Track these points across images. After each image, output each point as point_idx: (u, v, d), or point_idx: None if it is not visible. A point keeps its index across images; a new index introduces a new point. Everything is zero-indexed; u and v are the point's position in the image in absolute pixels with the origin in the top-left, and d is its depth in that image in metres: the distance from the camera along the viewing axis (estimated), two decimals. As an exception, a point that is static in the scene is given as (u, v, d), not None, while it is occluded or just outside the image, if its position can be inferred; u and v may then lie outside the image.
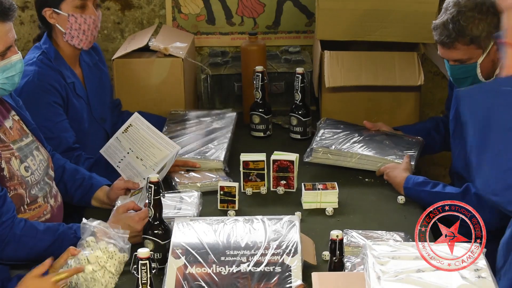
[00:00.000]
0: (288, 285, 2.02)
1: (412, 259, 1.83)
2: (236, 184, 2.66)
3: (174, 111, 3.27)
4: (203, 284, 2.03)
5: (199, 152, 2.95)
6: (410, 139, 3.04)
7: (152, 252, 2.08)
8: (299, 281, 2.02)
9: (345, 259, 2.14)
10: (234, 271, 2.07)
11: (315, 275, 1.90)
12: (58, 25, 2.93)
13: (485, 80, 2.69)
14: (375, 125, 3.12)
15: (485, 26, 2.60)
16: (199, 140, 3.04)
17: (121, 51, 3.33)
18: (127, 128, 2.76)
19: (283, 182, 2.78)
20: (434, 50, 3.41)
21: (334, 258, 2.10)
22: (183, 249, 2.12)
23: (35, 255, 2.32)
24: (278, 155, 2.78)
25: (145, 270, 1.99)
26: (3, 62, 2.34)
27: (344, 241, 2.17)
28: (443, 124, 3.13)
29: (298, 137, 3.26)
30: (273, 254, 2.11)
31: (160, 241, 2.28)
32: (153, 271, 2.03)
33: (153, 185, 2.24)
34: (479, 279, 1.76)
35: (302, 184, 2.70)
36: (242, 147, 3.10)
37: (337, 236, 2.08)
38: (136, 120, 2.77)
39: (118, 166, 2.72)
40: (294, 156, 2.77)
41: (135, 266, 2.01)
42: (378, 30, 3.24)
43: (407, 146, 2.97)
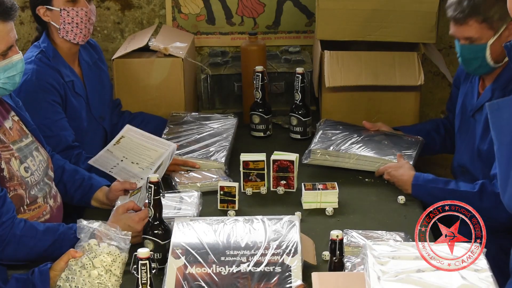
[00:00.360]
0: (288, 285, 2.02)
1: (412, 259, 1.83)
2: (236, 184, 2.66)
3: (175, 113, 3.26)
4: (203, 284, 2.03)
5: (200, 154, 2.95)
6: (410, 138, 3.03)
7: (152, 252, 2.07)
8: (299, 281, 2.02)
9: (345, 259, 2.14)
10: (234, 271, 2.06)
11: (315, 275, 1.90)
12: (52, 22, 2.92)
13: (493, 64, 2.67)
14: (374, 125, 3.12)
15: (499, 8, 2.60)
16: (201, 143, 3.04)
17: (121, 51, 3.33)
18: (119, 139, 2.74)
19: (283, 182, 2.78)
20: (434, 50, 3.42)
21: (334, 258, 2.10)
22: (183, 249, 2.12)
23: (35, 256, 2.32)
24: (278, 155, 2.78)
25: (145, 270, 1.99)
26: (4, 62, 2.34)
27: (344, 241, 2.17)
28: (443, 125, 3.13)
29: (298, 137, 3.26)
30: (273, 254, 2.10)
31: (160, 241, 2.27)
32: (153, 271, 2.02)
33: (153, 185, 2.23)
34: (480, 279, 1.77)
35: (302, 184, 2.70)
36: (242, 147, 3.10)
37: (337, 236, 2.08)
38: (129, 131, 2.76)
39: (110, 172, 2.70)
40: (294, 156, 2.77)
41: (135, 266, 2.00)
42: (378, 30, 3.24)
43: (406, 146, 2.97)
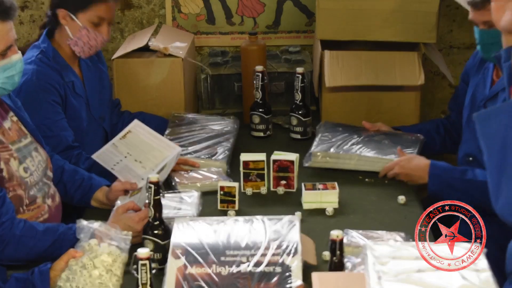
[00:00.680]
0: (288, 285, 2.01)
1: (412, 259, 1.83)
2: (236, 184, 2.66)
3: (176, 113, 3.26)
4: (203, 284, 2.02)
5: (202, 154, 2.96)
6: (410, 137, 3.04)
7: (152, 252, 2.08)
8: (299, 281, 2.01)
9: (345, 259, 2.13)
10: (234, 271, 2.05)
11: (315, 275, 1.89)
12: (67, 29, 2.91)
13: None
14: (374, 125, 3.12)
15: None
16: (202, 143, 3.04)
17: (121, 51, 3.33)
18: (126, 134, 2.76)
19: (283, 182, 2.78)
20: (435, 50, 3.41)
21: (335, 258, 2.09)
22: (183, 249, 2.11)
23: (35, 256, 2.32)
24: (278, 155, 2.78)
25: (145, 270, 1.98)
26: (4, 62, 2.34)
27: (345, 241, 2.16)
28: (443, 126, 3.13)
29: (298, 137, 3.26)
30: (273, 254, 2.09)
31: (160, 241, 2.27)
32: (153, 271, 2.02)
33: (153, 185, 2.23)
34: (480, 280, 1.76)
35: (302, 184, 2.70)
36: (242, 147, 3.10)
37: (337, 236, 2.07)
38: (136, 126, 2.77)
39: (112, 169, 2.71)
40: (294, 156, 2.77)
41: (135, 266, 2.00)
42: (378, 30, 3.25)
43: (406, 144, 2.97)
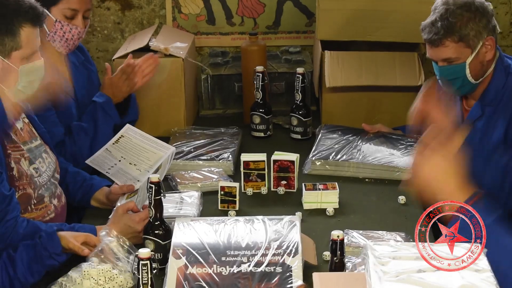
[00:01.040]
0: (289, 285, 2.03)
1: (413, 260, 1.82)
2: (236, 184, 2.67)
3: (178, 129, 3.25)
4: (204, 285, 2.04)
5: (207, 156, 2.98)
6: (409, 138, 3.03)
7: (153, 253, 2.08)
8: (300, 281, 2.03)
9: (346, 259, 2.14)
10: (235, 271, 2.07)
11: (316, 275, 1.89)
12: (44, 25, 2.91)
13: (474, 81, 2.66)
14: (373, 127, 3.12)
15: (474, 25, 2.61)
16: (207, 147, 3.06)
17: (122, 51, 3.33)
18: (118, 139, 2.76)
19: (284, 182, 2.78)
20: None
21: (335, 258, 2.10)
22: (184, 249, 2.13)
23: None
24: (278, 155, 2.78)
25: (146, 270, 1.99)
26: (28, 66, 2.36)
27: (345, 241, 2.18)
28: None
29: (299, 137, 3.26)
30: (274, 254, 2.12)
31: (160, 241, 2.28)
32: (154, 271, 2.03)
33: (153, 185, 2.24)
34: (481, 280, 1.76)
35: (303, 184, 2.70)
36: (243, 148, 3.11)
37: (338, 236, 2.08)
38: (128, 130, 2.78)
39: (107, 172, 2.72)
40: (294, 156, 2.77)
41: (136, 266, 2.01)
42: (378, 30, 3.26)
43: (405, 147, 2.97)
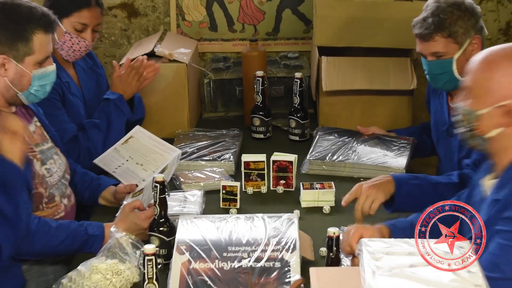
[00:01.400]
0: (287, 280, 2.02)
1: (405, 255, 1.82)
2: (237, 184, 2.67)
3: (182, 131, 3.25)
4: (206, 279, 2.03)
5: (210, 157, 2.98)
6: (402, 140, 3.04)
7: (157, 248, 2.09)
8: (298, 276, 2.02)
9: (341, 255, 2.14)
10: (236, 266, 2.07)
11: (313, 270, 1.89)
12: (55, 32, 2.91)
13: (460, 77, 2.66)
14: (368, 129, 3.11)
15: (463, 23, 2.62)
16: (209, 148, 3.06)
17: (128, 57, 3.32)
18: (128, 139, 2.79)
19: (283, 181, 2.78)
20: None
21: (331, 254, 2.10)
22: (187, 245, 2.13)
23: (48, 250, 2.36)
24: (277, 156, 2.79)
25: (151, 265, 2.00)
26: (40, 71, 2.39)
27: (341, 237, 2.16)
28: None
29: (297, 138, 3.26)
30: (273, 250, 2.11)
31: (165, 238, 2.28)
32: (159, 266, 2.04)
33: (158, 185, 2.25)
34: (470, 274, 1.75)
35: (301, 183, 2.71)
36: (243, 148, 3.11)
37: (334, 233, 2.09)
38: (138, 132, 2.80)
39: (114, 172, 2.74)
40: (293, 157, 2.78)
41: (142, 261, 2.01)
42: (372, 36, 3.26)
43: (398, 148, 2.97)
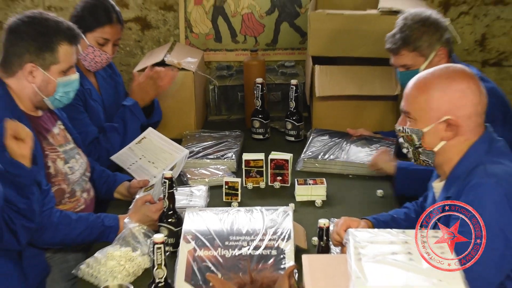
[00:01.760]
0: (282, 266, 2.01)
1: (387, 244, 1.79)
2: (239, 180, 2.68)
3: (189, 132, 3.26)
4: (210, 265, 2.03)
5: (214, 156, 2.99)
6: (387, 141, 3.06)
7: (166, 238, 2.08)
8: (292, 262, 2.02)
9: (331, 244, 2.14)
10: (236, 254, 2.06)
11: (305, 258, 1.81)
12: (79, 45, 2.94)
13: None
14: (356, 131, 3.12)
15: (427, 37, 2.64)
16: (213, 147, 3.07)
17: (141, 65, 3.33)
18: (141, 140, 2.79)
19: (279, 178, 2.79)
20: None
21: (322, 243, 2.10)
22: (193, 235, 2.12)
23: (69, 240, 2.37)
24: (275, 155, 2.80)
25: (160, 253, 1.97)
26: (65, 79, 2.41)
27: (330, 228, 2.16)
28: None
29: (293, 139, 3.27)
30: (270, 240, 2.10)
31: (173, 228, 2.29)
32: (167, 254, 2.02)
33: (167, 180, 2.25)
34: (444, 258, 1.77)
35: (295, 179, 2.72)
36: (244, 148, 3.11)
37: (324, 224, 2.08)
38: (150, 133, 2.80)
39: (129, 168, 2.74)
40: (288, 156, 2.79)
41: (152, 249, 1.99)
42: (361, 47, 3.24)
43: (382, 147, 2.97)
